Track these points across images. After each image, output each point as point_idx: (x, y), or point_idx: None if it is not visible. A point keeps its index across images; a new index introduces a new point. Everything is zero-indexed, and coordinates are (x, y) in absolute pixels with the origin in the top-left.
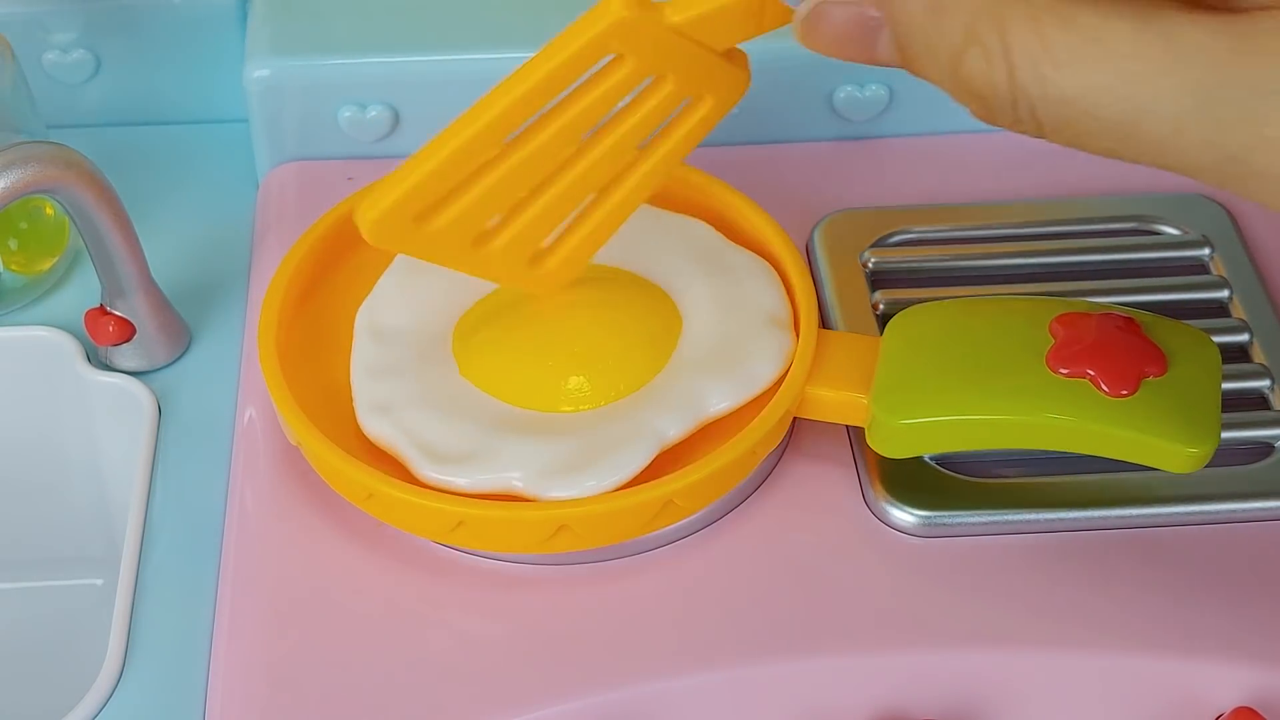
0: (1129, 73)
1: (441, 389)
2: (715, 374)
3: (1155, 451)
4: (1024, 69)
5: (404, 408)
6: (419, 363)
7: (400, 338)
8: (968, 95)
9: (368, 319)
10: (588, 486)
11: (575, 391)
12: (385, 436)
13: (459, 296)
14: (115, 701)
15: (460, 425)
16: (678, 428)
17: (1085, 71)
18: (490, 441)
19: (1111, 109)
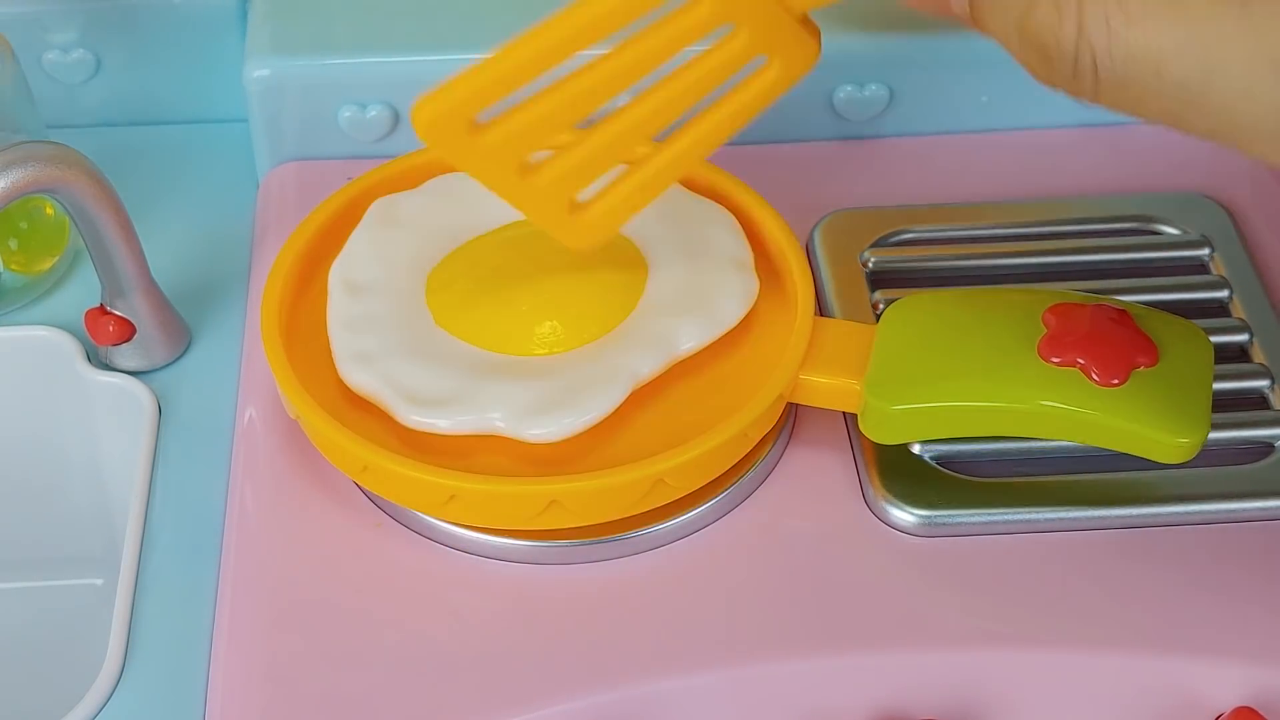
0: (1203, 34)
1: (419, 338)
2: (683, 314)
3: (1144, 441)
4: (1094, 21)
5: (383, 357)
6: (394, 314)
7: (374, 291)
8: (1031, 48)
9: (341, 275)
10: (566, 424)
11: (548, 335)
12: (366, 385)
13: (429, 250)
14: (115, 701)
15: (439, 370)
16: (649, 365)
17: (1157, 29)
18: (469, 385)
19: (1180, 68)
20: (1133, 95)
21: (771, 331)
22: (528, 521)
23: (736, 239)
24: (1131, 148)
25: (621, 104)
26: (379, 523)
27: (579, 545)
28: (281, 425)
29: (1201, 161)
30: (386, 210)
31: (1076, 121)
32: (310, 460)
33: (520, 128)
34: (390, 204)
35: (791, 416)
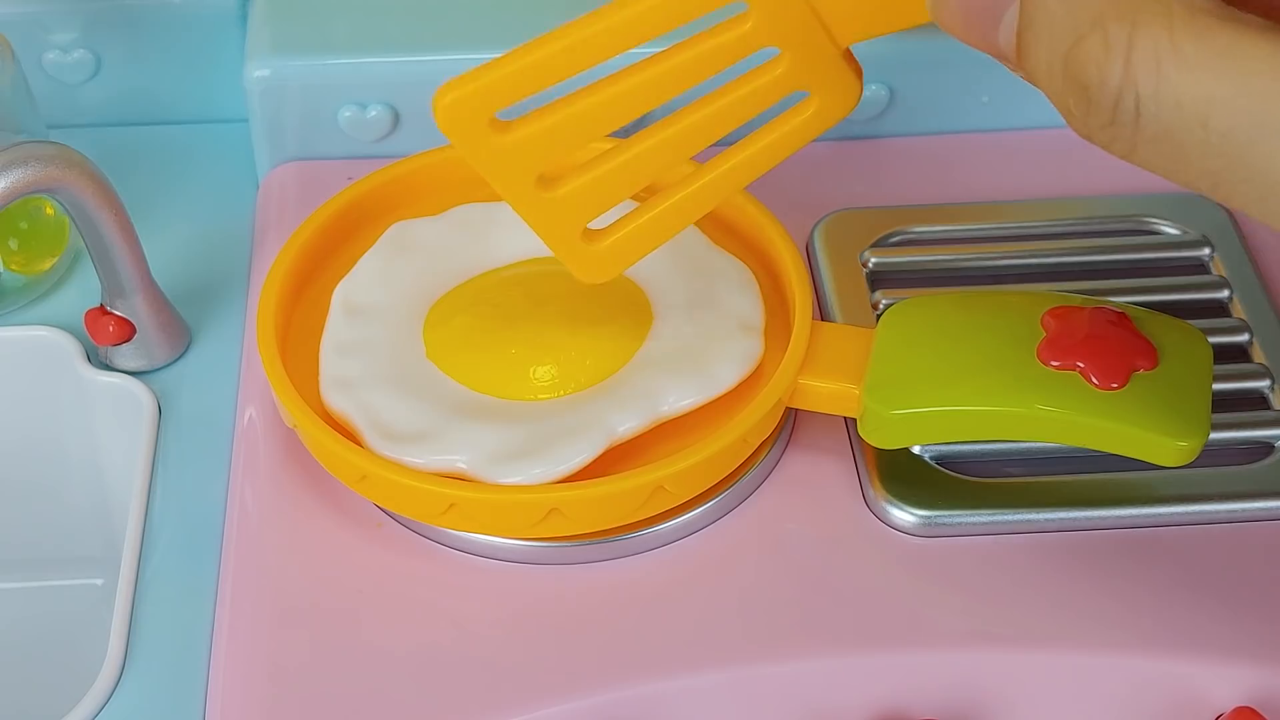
0: (1256, 88)
1: (405, 369)
2: (675, 373)
3: (1144, 444)
4: (1144, 63)
5: (364, 385)
6: (387, 343)
7: (372, 316)
8: (1073, 85)
9: (343, 296)
10: (532, 474)
11: (535, 381)
12: (342, 410)
13: (436, 281)
14: (115, 701)
15: (416, 405)
16: (630, 423)
17: (1209, 79)
18: (442, 423)
19: (1227, 121)
20: (1172, 149)
21: (770, 337)
22: (527, 530)
23: (750, 299)
24: None
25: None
26: (379, 523)
27: (579, 546)
28: (281, 425)
29: None
30: (401, 235)
31: None
32: (310, 460)
33: (544, 130)
34: (406, 229)
35: (791, 417)
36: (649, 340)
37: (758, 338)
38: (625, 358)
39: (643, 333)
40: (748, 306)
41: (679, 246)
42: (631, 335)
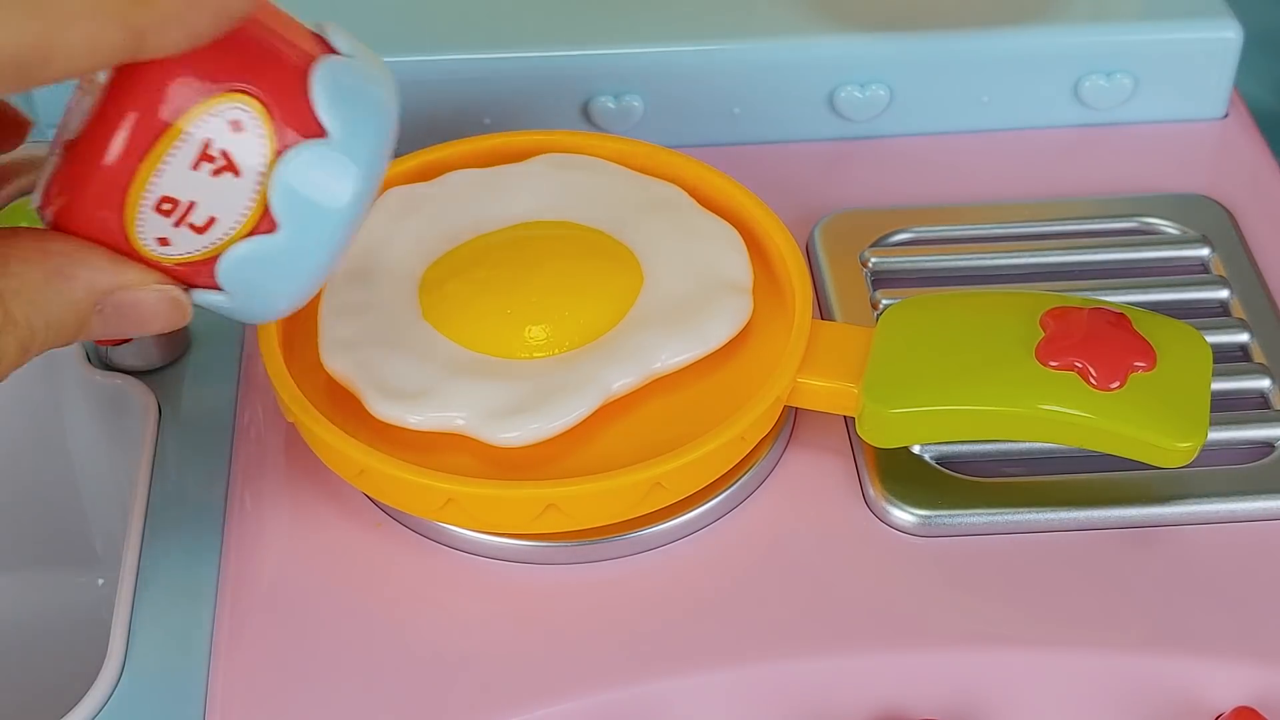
0: None
1: (402, 330)
2: (668, 330)
3: (1142, 445)
4: None
5: (364, 345)
6: (384, 304)
7: (369, 279)
8: None
9: (341, 260)
10: (529, 430)
11: (529, 339)
12: (343, 371)
13: (433, 244)
14: (115, 701)
15: (415, 365)
16: (624, 379)
17: None
18: (441, 382)
19: None
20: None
21: (770, 335)
22: (525, 525)
23: (739, 260)
24: (1131, 148)
25: None
26: (379, 523)
27: (579, 545)
28: (281, 425)
29: (1201, 161)
30: (399, 200)
31: (1076, 121)
32: (310, 460)
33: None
34: (404, 194)
35: (791, 417)
36: (640, 299)
37: (747, 297)
38: (618, 316)
39: (634, 292)
40: (736, 266)
41: (665, 207)
42: (623, 295)
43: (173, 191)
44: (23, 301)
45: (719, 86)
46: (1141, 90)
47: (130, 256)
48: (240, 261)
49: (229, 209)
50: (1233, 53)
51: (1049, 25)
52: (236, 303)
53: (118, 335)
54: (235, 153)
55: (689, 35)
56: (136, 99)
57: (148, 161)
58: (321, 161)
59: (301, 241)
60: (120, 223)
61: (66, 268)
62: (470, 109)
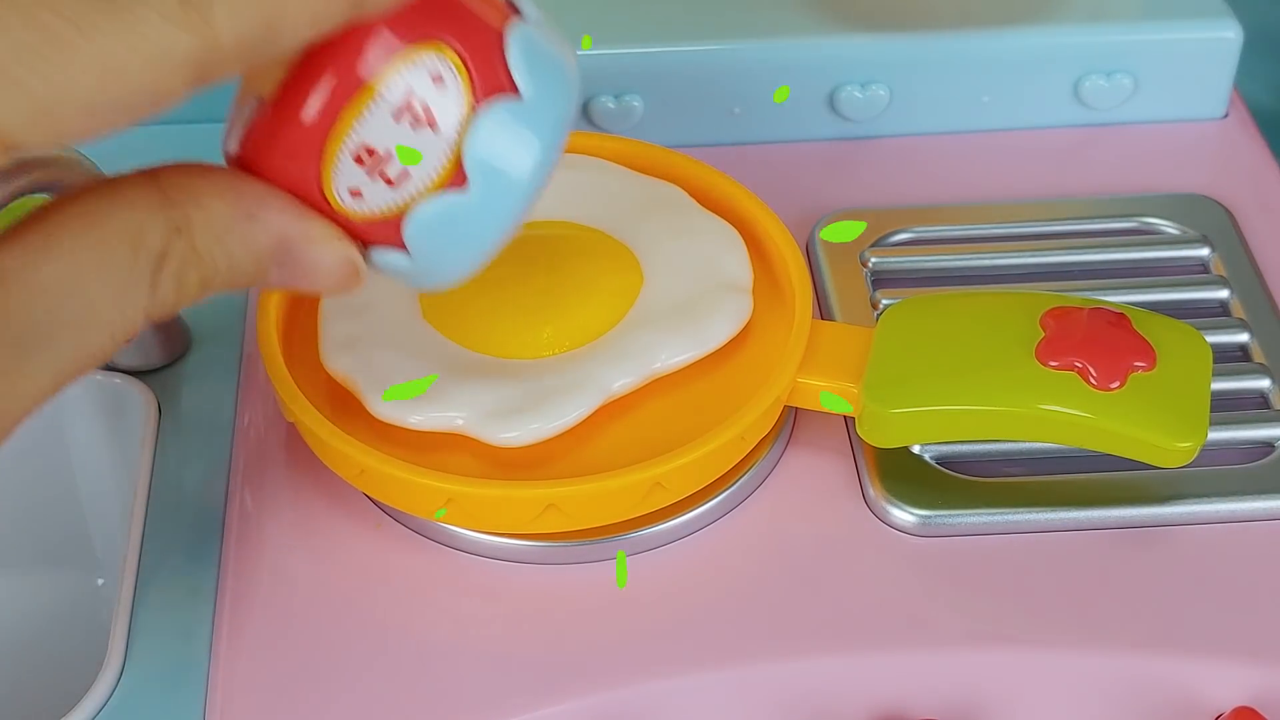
0: None
1: (402, 330)
2: (668, 330)
3: (1142, 445)
4: None
5: (364, 345)
6: (385, 304)
7: (369, 280)
8: None
9: None
10: (529, 430)
11: (529, 340)
12: (343, 371)
13: None
14: (115, 701)
15: (416, 364)
16: (624, 379)
17: None
18: (441, 384)
19: None
20: None
21: (769, 335)
22: (525, 525)
23: (739, 259)
24: (1131, 148)
25: None
26: (379, 523)
27: (579, 545)
28: (281, 425)
29: (1201, 161)
30: None
31: (1076, 121)
32: (310, 460)
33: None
34: None
35: (791, 417)
36: (640, 299)
37: (747, 297)
38: (618, 316)
39: (634, 292)
40: (736, 266)
41: (665, 207)
42: (623, 295)
43: (372, 141)
44: (211, 238)
45: (719, 86)
46: (1141, 90)
47: (320, 209)
48: (429, 218)
49: (424, 161)
50: (1233, 53)
51: (1049, 25)
52: (417, 264)
53: (290, 287)
54: (435, 106)
55: (689, 35)
56: (343, 51)
57: (351, 108)
58: (515, 120)
59: (490, 200)
60: (317, 169)
61: (257, 210)
62: None
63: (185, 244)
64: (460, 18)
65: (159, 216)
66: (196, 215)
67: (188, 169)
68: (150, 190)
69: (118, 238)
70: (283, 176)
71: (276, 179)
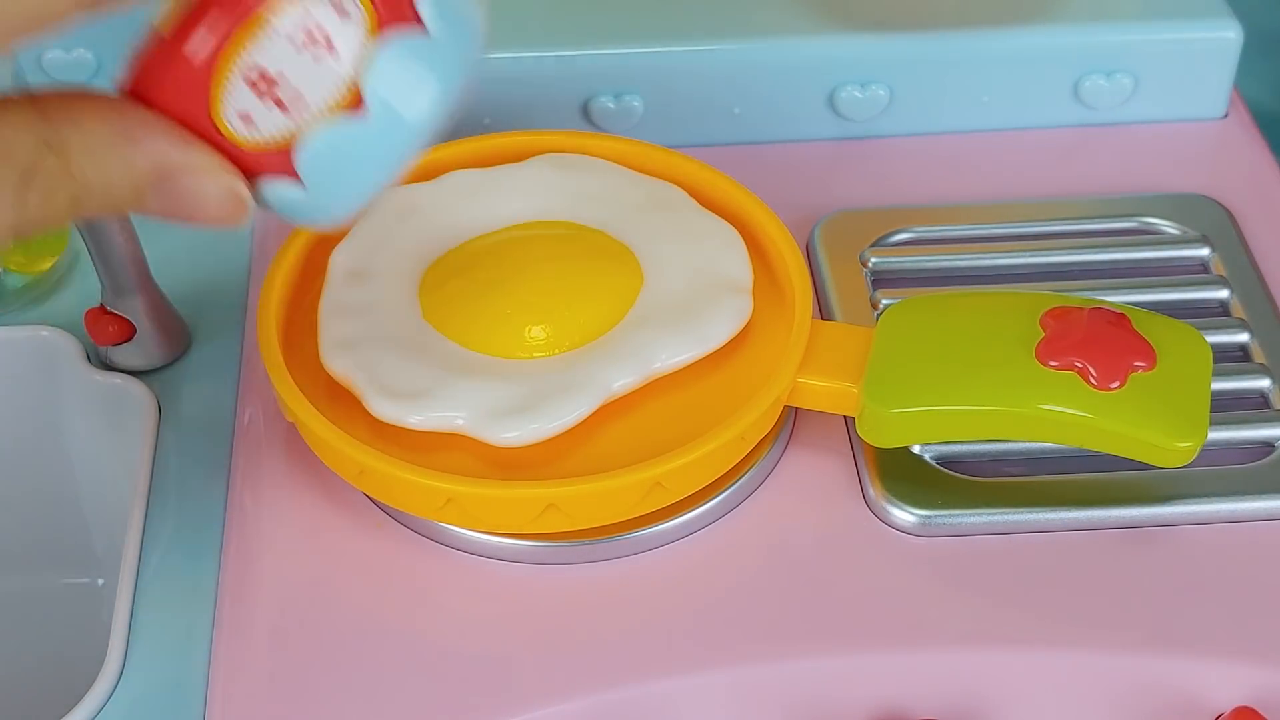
0: None
1: (403, 330)
2: (667, 330)
3: (1142, 445)
4: None
5: (364, 345)
6: (384, 304)
7: (369, 279)
8: None
9: (341, 260)
10: (529, 430)
11: (530, 339)
12: (343, 371)
13: (432, 244)
14: (115, 701)
15: (416, 364)
16: (624, 379)
17: None
18: (441, 382)
19: None
20: None
21: (769, 335)
22: (525, 525)
23: (739, 260)
24: (1131, 148)
25: None
26: (379, 523)
27: (579, 545)
28: (281, 425)
29: (1201, 161)
30: (400, 200)
31: (1076, 121)
32: (310, 460)
33: None
34: (405, 194)
35: (791, 417)
36: (640, 299)
37: (747, 297)
38: (618, 316)
39: (634, 292)
40: (736, 265)
41: (668, 209)
42: (623, 295)
43: (266, 63)
44: (86, 157)
45: (719, 86)
46: (1141, 90)
47: (209, 137)
48: (324, 143)
49: (318, 88)
50: (1233, 53)
51: (1049, 25)
52: (309, 195)
53: (170, 218)
54: (334, 31)
55: (689, 35)
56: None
57: (246, 29)
58: (418, 53)
59: (387, 129)
60: (206, 94)
61: (137, 131)
62: (470, 109)
63: (58, 162)
64: None
65: (30, 133)
66: (73, 135)
67: (70, 94)
68: (27, 110)
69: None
70: (172, 104)
71: (166, 108)
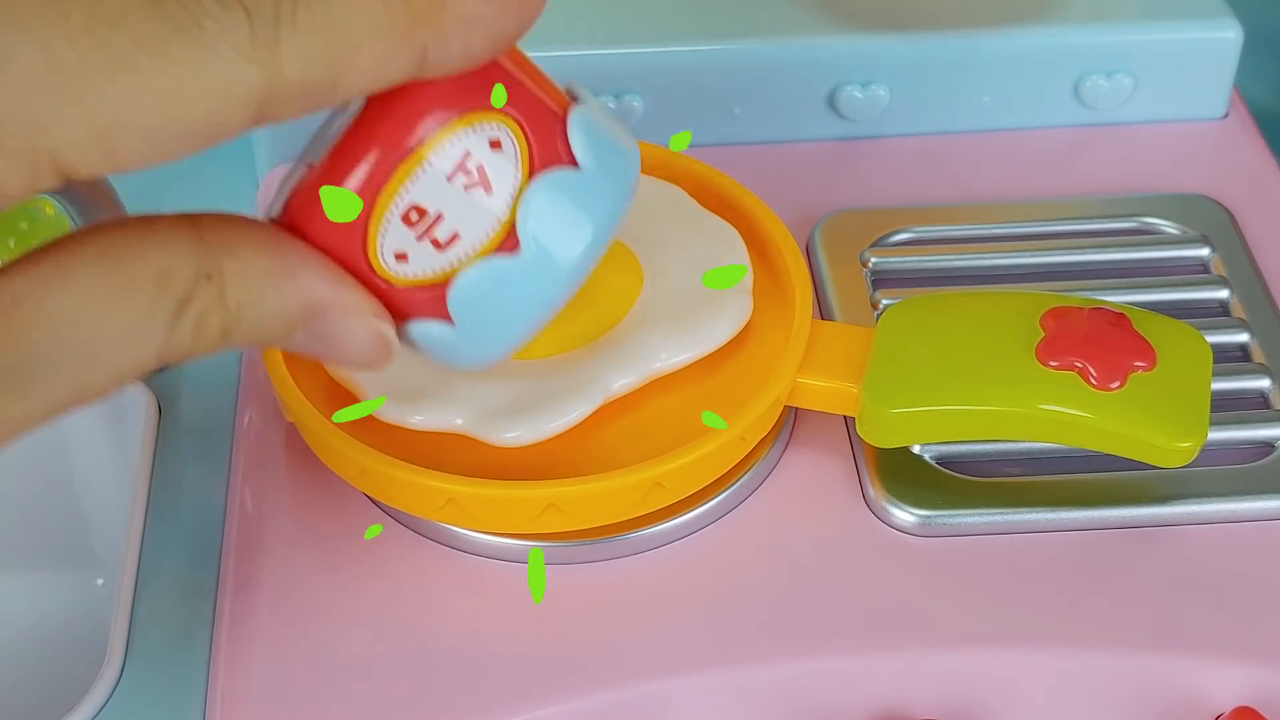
0: None
1: None
2: (668, 330)
3: (1142, 445)
4: None
5: None
6: None
7: None
8: None
9: None
10: (530, 430)
11: (530, 340)
12: (344, 371)
13: None
14: (115, 701)
15: (415, 363)
16: (623, 379)
17: None
18: (439, 381)
19: None
20: None
21: (769, 335)
22: (525, 525)
23: (738, 258)
24: (1131, 148)
25: None
26: (379, 523)
27: (579, 545)
28: (282, 425)
29: (1201, 161)
30: None
31: (1076, 121)
32: (310, 460)
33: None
34: None
35: (791, 417)
36: (640, 299)
37: (747, 295)
38: (618, 316)
39: (634, 292)
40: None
41: (668, 208)
42: (623, 295)
43: (423, 200)
44: (243, 289)
45: (719, 86)
46: (1141, 90)
47: (361, 274)
48: (476, 281)
49: (475, 225)
50: (1233, 53)
51: (1049, 25)
52: (458, 334)
53: (311, 355)
54: (490, 168)
55: (689, 35)
56: (401, 107)
57: (404, 166)
58: (573, 188)
59: (540, 266)
60: (364, 230)
61: (294, 266)
62: None
63: (213, 291)
64: (522, 90)
65: (189, 259)
66: (230, 265)
67: (230, 219)
68: (187, 233)
69: (142, 275)
70: (327, 239)
71: (320, 242)
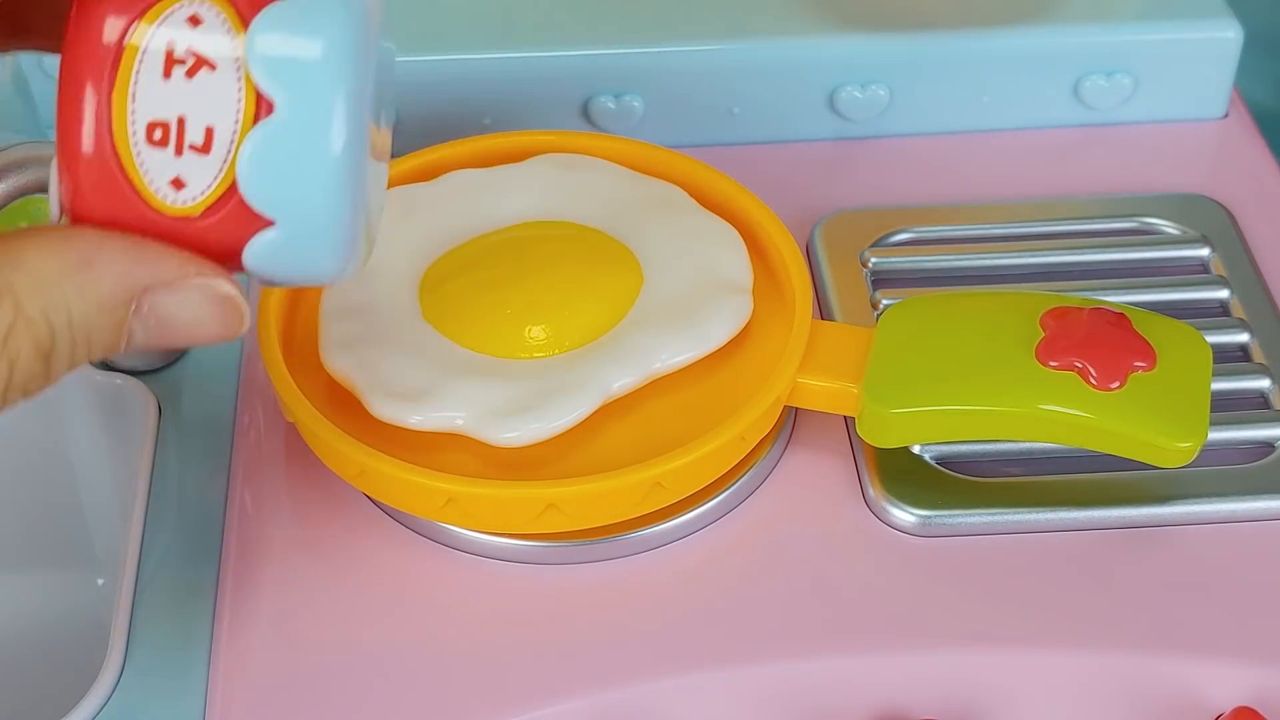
0: None
1: (403, 330)
2: (668, 330)
3: (1142, 445)
4: None
5: (364, 345)
6: (385, 304)
7: (370, 279)
8: None
9: None
10: (530, 430)
11: (529, 339)
12: (343, 371)
13: (432, 244)
14: (115, 701)
15: (415, 364)
16: (623, 379)
17: None
18: (441, 382)
19: None
20: None
21: (770, 335)
22: (525, 525)
23: (739, 260)
24: (1131, 148)
25: None
26: (379, 523)
27: (579, 545)
28: (281, 425)
29: (1201, 161)
30: (399, 200)
31: (1076, 121)
32: (310, 460)
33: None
34: (404, 194)
35: (791, 417)
36: (640, 299)
37: (747, 297)
38: (618, 316)
39: (634, 292)
40: (736, 266)
41: (668, 209)
42: (623, 295)
43: (156, 112)
44: (38, 296)
45: (719, 86)
46: (1141, 90)
47: (162, 225)
48: (257, 160)
49: (220, 109)
50: (1233, 53)
51: (1049, 25)
52: (284, 227)
53: (166, 344)
54: (202, 46)
55: (689, 35)
56: (82, 41)
57: (117, 89)
58: (290, 17)
59: (306, 109)
60: (123, 171)
61: (90, 255)
62: (470, 109)
63: (8, 309)
64: None
65: None
66: (17, 277)
67: (14, 234)
68: None
69: None
70: (106, 209)
71: (98, 207)
